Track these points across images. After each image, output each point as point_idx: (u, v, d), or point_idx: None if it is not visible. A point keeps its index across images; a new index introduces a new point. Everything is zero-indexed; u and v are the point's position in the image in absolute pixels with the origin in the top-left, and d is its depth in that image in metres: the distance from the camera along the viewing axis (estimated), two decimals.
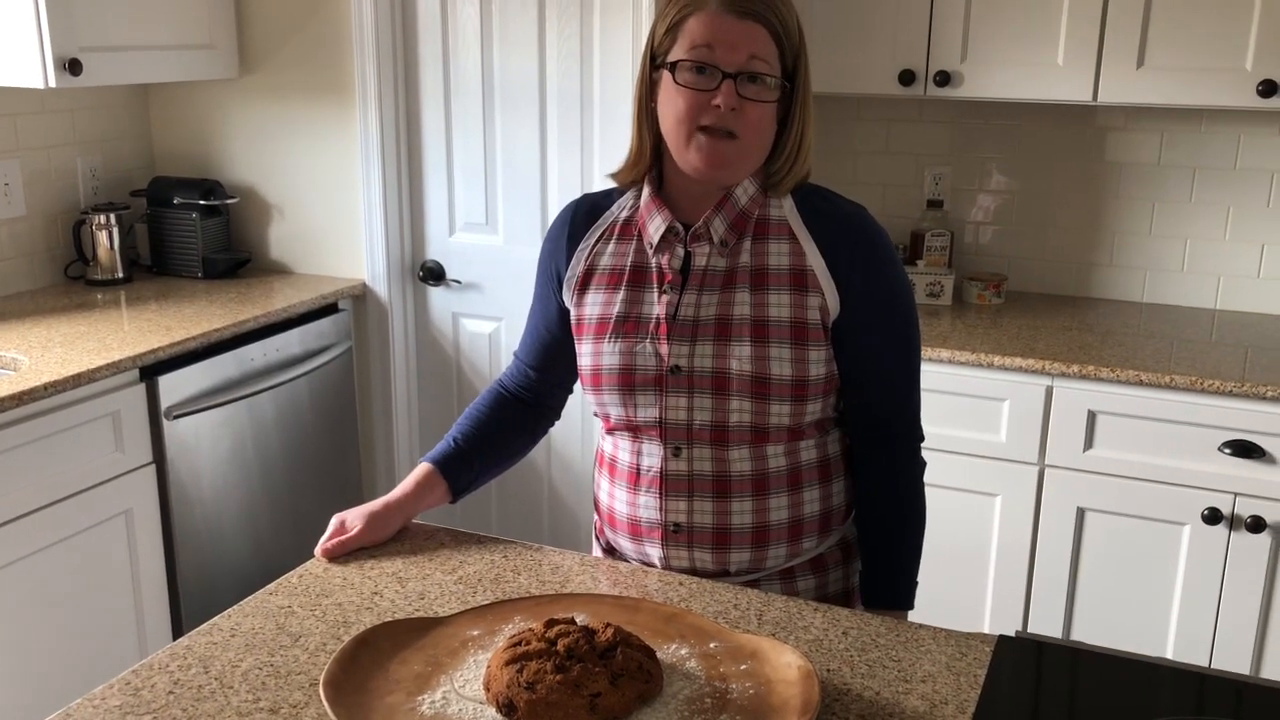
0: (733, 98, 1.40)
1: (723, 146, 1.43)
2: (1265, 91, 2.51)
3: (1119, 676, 1.28)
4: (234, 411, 2.83)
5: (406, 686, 1.20)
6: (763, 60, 1.41)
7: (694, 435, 1.49)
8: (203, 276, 3.24)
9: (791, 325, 1.46)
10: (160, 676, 1.25)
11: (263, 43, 3.22)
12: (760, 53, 1.41)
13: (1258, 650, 2.49)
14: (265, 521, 2.98)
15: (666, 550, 1.54)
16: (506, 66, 3.04)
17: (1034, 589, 2.65)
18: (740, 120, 1.41)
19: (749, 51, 1.40)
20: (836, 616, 1.40)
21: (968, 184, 3.15)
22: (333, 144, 3.21)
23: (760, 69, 1.41)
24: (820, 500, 1.55)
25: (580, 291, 1.57)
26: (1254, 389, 2.37)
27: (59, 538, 2.42)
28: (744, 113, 1.41)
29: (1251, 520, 2.42)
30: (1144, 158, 2.98)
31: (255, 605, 1.41)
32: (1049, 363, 2.52)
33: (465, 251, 3.22)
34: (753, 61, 1.41)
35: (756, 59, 1.41)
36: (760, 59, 1.41)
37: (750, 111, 1.42)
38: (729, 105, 1.40)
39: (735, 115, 1.41)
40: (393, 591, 1.44)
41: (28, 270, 3.11)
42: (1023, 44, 2.70)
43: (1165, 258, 3.01)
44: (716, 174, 1.45)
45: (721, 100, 1.40)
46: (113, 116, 3.30)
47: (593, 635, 1.18)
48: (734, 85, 1.40)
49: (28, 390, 2.29)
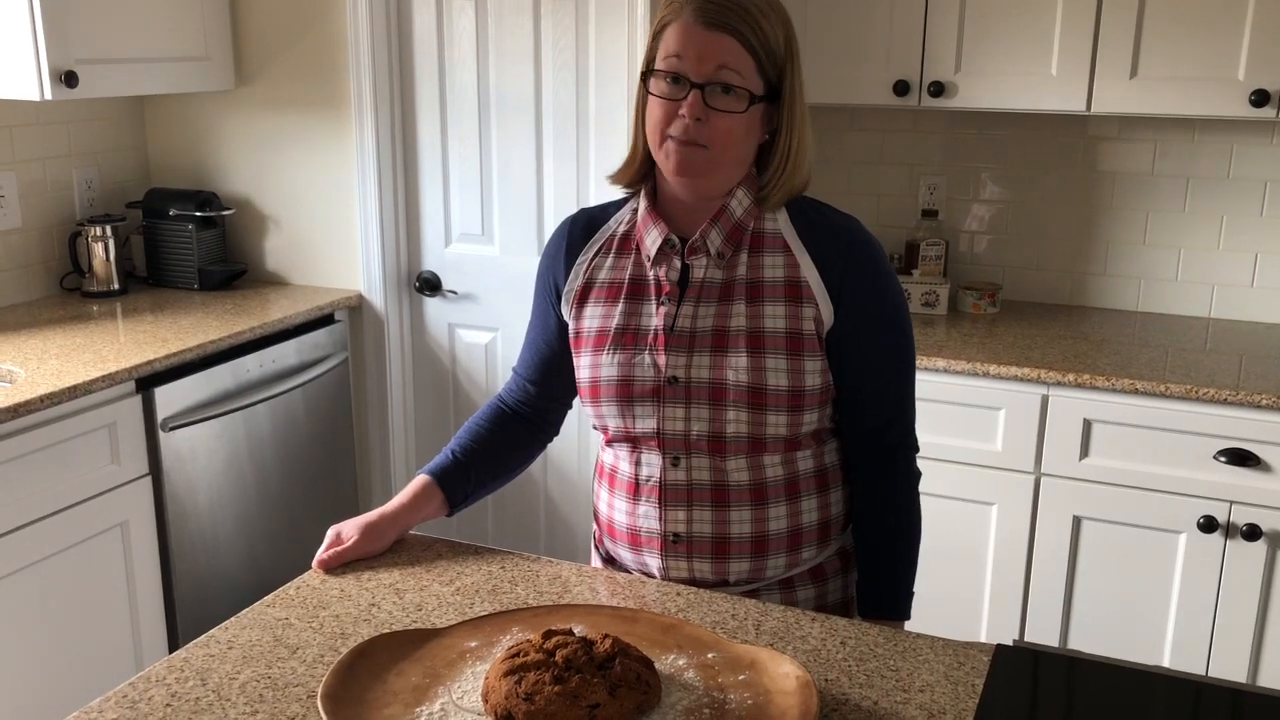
0: (697, 108, 1.41)
1: (691, 155, 1.43)
2: (1258, 101, 2.52)
3: (1116, 685, 1.29)
4: (230, 423, 2.83)
5: (404, 698, 1.20)
6: (734, 71, 1.41)
7: (692, 445, 1.50)
8: (199, 288, 3.24)
9: (787, 336, 1.47)
10: (157, 689, 1.25)
11: (258, 55, 3.22)
12: (731, 63, 1.41)
13: (1254, 658, 2.50)
14: (261, 533, 2.98)
15: (666, 560, 1.54)
16: (502, 78, 3.05)
17: (1031, 597, 2.65)
18: (707, 131, 1.42)
19: (717, 62, 1.41)
20: (834, 626, 1.40)
21: (962, 194, 3.16)
22: (329, 155, 3.22)
23: (730, 80, 1.41)
24: (819, 510, 1.55)
25: (579, 305, 1.57)
26: (1249, 397, 2.38)
27: (55, 550, 2.42)
28: (710, 123, 1.41)
29: (1247, 528, 2.42)
30: (1137, 167, 2.99)
31: (252, 617, 1.41)
32: (1044, 372, 2.53)
33: (461, 262, 3.23)
34: (721, 72, 1.41)
35: (726, 69, 1.41)
36: (731, 70, 1.41)
37: (718, 122, 1.42)
38: (693, 115, 1.41)
39: (701, 126, 1.41)
40: (390, 603, 1.44)
41: (23, 282, 3.11)
42: (1016, 54, 2.71)
43: (1159, 267, 3.02)
44: (688, 182, 1.46)
45: (686, 110, 1.41)
46: (108, 128, 3.30)
47: (591, 646, 1.18)
48: (700, 96, 1.40)
49: (23, 402, 2.28)
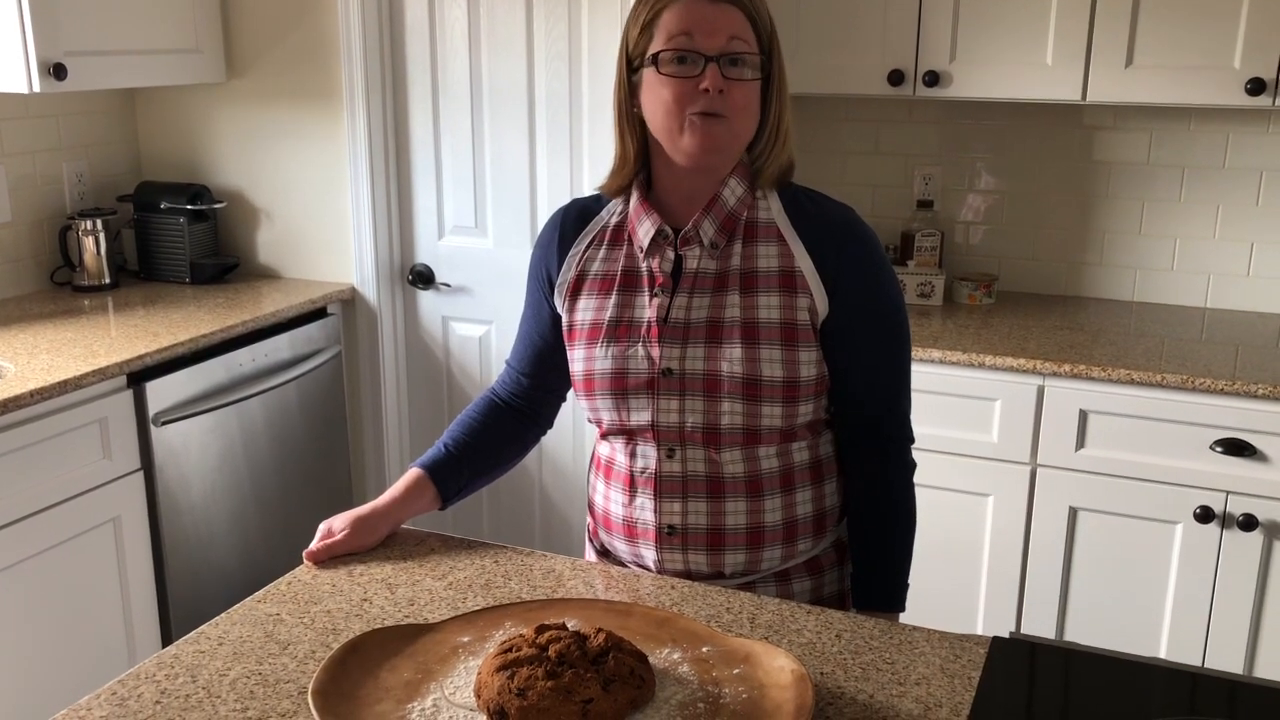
0: (719, 79, 1.41)
1: (714, 128, 1.43)
2: (1253, 90, 2.51)
3: (1113, 677, 1.28)
4: (223, 417, 2.82)
5: (396, 694, 1.19)
6: (741, 40, 1.42)
7: (687, 437, 1.49)
8: (190, 281, 3.22)
9: (781, 327, 1.46)
10: (147, 686, 1.24)
11: (250, 47, 3.20)
12: (739, 33, 1.42)
13: (1250, 649, 2.49)
14: (254, 528, 2.97)
15: (661, 552, 1.53)
16: (494, 70, 3.03)
17: (1027, 589, 2.65)
18: (727, 102, 1.42)
19: (728, 34, 1.41)
20: (829, 619, 1.39)
21: (957, 184, 3.15)
22: (321, 148, 3.20)
23: (740, 49, 1.42)
24: (814, 501, 1.54)
25: (572, 297, 1.56)
26: (1244, 387, 2.37)
27: (47, 545, 2.41)
28: (730, 94, 1.42)
29: (1243, 518, 2.42)
30: (1133, 157, 2.98)
31: (243, 613, 1.40)
32: (1040, 362, 2.52)
33: (454, 255, 3.21)
34: (733, 42, 1.42)
35: (736, 39, 1.42)
36: (739, 39, 1.42)
37: (736, 92, 1.42)
38: (716, 86, 1.41)
39: (722, 98, 1.42)
40: (382, 598, 1.43)
41: (13, 276, 3.10)
42: (1011, 44, 2.70)
43: (1155, 257, 3.01)
44: (710, 158, 1.45)
45: (709, 82, 1.41)
46: (99, 121, 3.28)
47: (584, 641, 1.18)
48: (718, 68, 1.41)
49: (14, 397, 2.27)
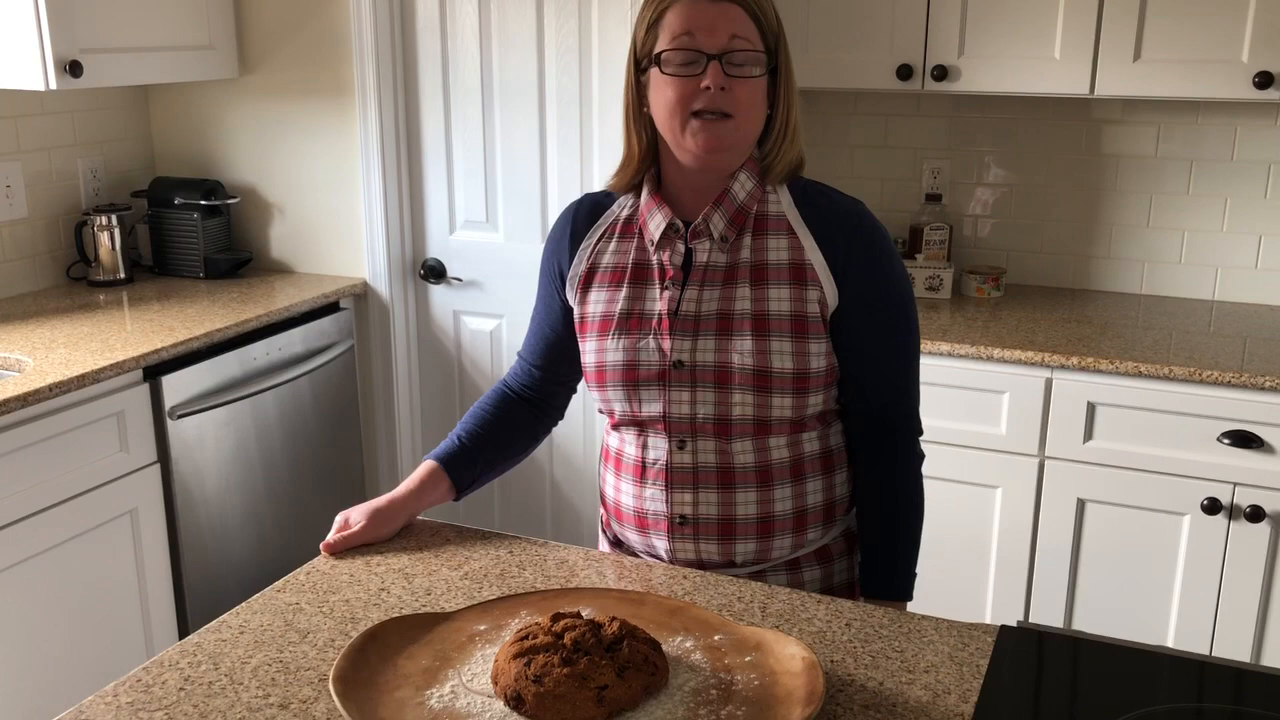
0: (720, 77, 1.42)
1: (719, 128, 1.44)
2: (1262, 83, 2.52)
3: (1120, 665, 1.29)
4: (237, 411, 2.84)
5: (415, 681, 1.21)
6: (744, 39, 1.43)
7: (697, 429, 1.51)
8: (204, 276, 3.25)
9: (791, 319, 1.47)
10: (171, 673, 1.27)
11: (262, 43, 3.22)
12: (741, 32, 1.43)
13: (1258, 638, 2.50)
14: (269, 519, 3.00)
15: (673, 542, 1.55)
16: (505, 65, 3.05)
17: (1035, 579, 2.66)
18: (731, 99, 1.43)
19: (729, 32, 1.42)
20: (839, 608, 1.41)
21: (966, 178, 3.16)
22: (333, 143, 3.22)
23: (743, 47, 1.43)
24: (824, 491, 1.56)
25: (583, 290, 1.58)
26: (1252, 379, 2.38)
27: (65, 538, 2.43)
28: (734, 91, 1.43)
29: (1251, 510, 2.43)
30: (1141, 150, 2.98)
31: (263, 602, 1.43)
32: (1048, 355, 2.53)
33: (466, 249, 3.23)
34: (735, 40, 1.43)
35: (738, 38, 1.43)
36: (741, 37, 1.43)
37: (740, 89, 1.43)
38: (718, 84, 1.42)
39: (726, 95, 1.43)
40: (400, 588, 1.46)
41: (30, 272, 3.12)
42: (1019, 38, 2.71)
43: (1163, 249, 3.02)
44: (714, 158, 1.47)
45: (710, 80, 1.42)
46: (113, 118, 3.31)
47: (599, 629, 1.19)
48: (720, 66, 1.42)
49: (32, 391, 2.30)
